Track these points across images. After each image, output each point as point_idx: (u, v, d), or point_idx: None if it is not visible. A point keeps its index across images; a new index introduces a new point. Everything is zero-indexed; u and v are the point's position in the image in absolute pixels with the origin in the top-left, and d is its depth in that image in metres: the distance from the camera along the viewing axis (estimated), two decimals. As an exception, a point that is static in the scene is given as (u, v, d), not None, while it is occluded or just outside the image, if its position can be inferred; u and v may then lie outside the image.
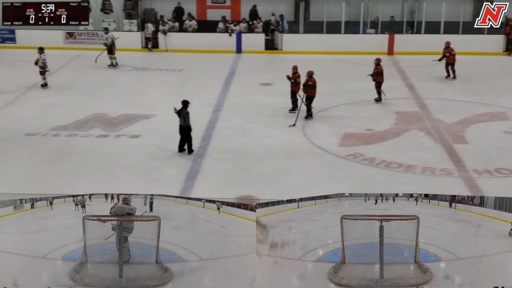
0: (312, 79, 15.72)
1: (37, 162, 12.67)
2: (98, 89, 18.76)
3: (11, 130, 14.53)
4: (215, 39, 24.50)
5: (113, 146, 13.76)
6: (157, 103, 17.16)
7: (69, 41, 24.29)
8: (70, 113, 15.82)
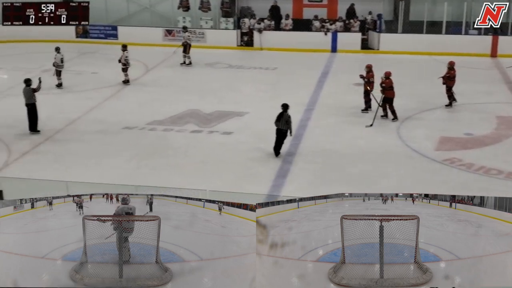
0: (388, 80, 15.57)
1: (134, 155, 13.31)
2: (194, 85, 19.34)
3: (110, 123, 15.29)
4: (310, 38, 24.56)
5: (206, 142, 14.23)
6: (251, 100, 17.61)
7: (167, 38, 25.08)
8: (167, 108, 16.49)
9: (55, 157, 13.42)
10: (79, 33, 25.77)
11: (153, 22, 25.81)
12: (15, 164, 12.91)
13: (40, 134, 14.61)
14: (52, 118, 15.58)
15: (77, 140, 14.41)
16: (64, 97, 17.97)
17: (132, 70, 21.05)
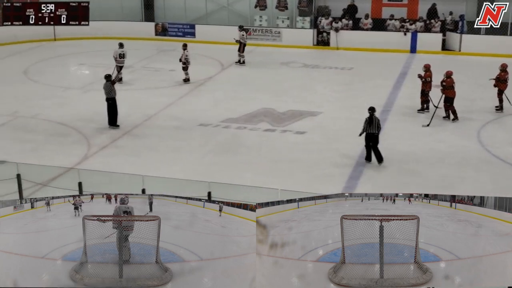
0: (449, 79, 15.23)
1: (208, 151, 13.57)
2: (269, 84, 19.43)
3: (186, 120, 15.62)
4: (388, 37, 24.17)
5: (279, 141, 14.28)
6: (325, 100, 17.56)
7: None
8: (241, 107, 16.66)
9: (132, 151, 13.75)
10: (158, 31, 26.34)
11: (230, 21, 26.02)
12: (94, 157, 13.31)
13: (119, 129, 15.01)
14: (130, 113, 15.98)
15: (153, 136, 14.70)
16: (142, 93, 18.40)
17: (208, 68, 21.39)
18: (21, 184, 9.01)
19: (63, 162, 12.49)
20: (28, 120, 15.69)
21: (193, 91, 18.65)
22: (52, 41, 25.64)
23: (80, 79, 20.14)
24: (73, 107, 16.80)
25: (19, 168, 9.04)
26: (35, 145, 13.93)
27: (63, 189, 10.45)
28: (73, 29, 25.29)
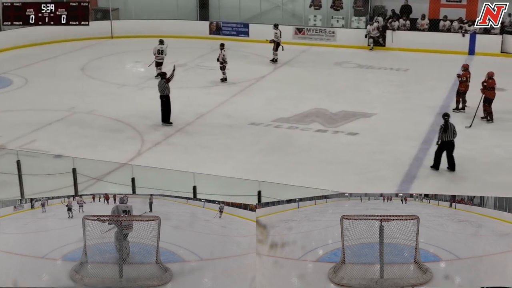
0: (491, 80, 14.96)
1: (259, 150, 13.62)
2: (322, 84, 19.37)
3: (238, 118, 15.75)
4: (446, 39, 23.63)
5: (331, 141, 14.21)
6: (378, 102, 17.37)
7: (297, 36, 25.27)
8: (293, 106, 16.66)
9: (184, 148, 13.89)
10: (212, 30, 26.53)
11: (284, 20, 25.97)
12: (147, 154, 13.51)
13: (172, 126, 15.20)
14: (183, 111, 16.16)
15: (205, 134, 14.82)
16: (195, 91, 18.58)
17: (261, 67, 21.41)
18: (76, 178, 9.22)
19: (117, 157, 12.72)
20: (84, 116, 16.07)
21: (245, 90, 18.70)
22: (109, 39, 26.19)
23: (135, 76, 20.48)
24: (128, 103, 17.11)
25: (75, 163, 9.26)
26: (90, 140, 14.26)
27: (117, 184, 10.67)
28: (129, 27, 25.89)
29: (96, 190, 11.05)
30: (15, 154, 9.86)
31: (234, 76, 20.03)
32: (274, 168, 12.53)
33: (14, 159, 9.52)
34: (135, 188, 8.78)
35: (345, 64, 22.19)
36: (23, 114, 16.29)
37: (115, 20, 26.86)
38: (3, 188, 10.84)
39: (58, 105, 16.91)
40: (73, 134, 14.71)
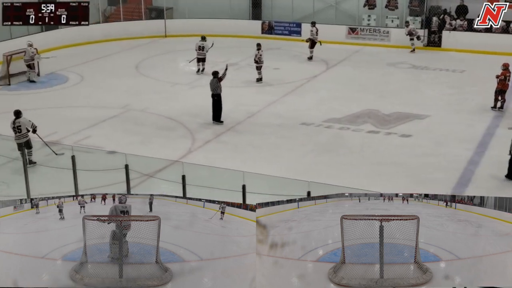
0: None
1: (309, 151, 13.60)
2: (375, 85, 19.20)
3: (288, 118, 15.76)
4: (503, 40, 22.79)
5: (383, 143, 14.06)
6: (433, 103, 17.09)
7: (351, 36, 25.08)
8: (345, 107, 16.55)
9: (235, 147, 13.94)
10: (265, 29, 26.56)
11: (337, 20, 25.78)
12: (198, 151, 13.63)
13: (222, 125, 15.27)
14: (234, 110, 16.21)
15: (256, 133, 14.83)
16: (246, 90, 18.63)
17: (313, 67, 21.29)
18: (129, 174, 9.35)
19: (168, 155, 12.87)
20: (138, 113, 16.33)
21: (297, 90, 18.64)
22: (163, 38, 26.55)
23: (188, 75, 20.69)
24: (180, 102, 17.30)
25: (128, 159, 9.39)
26: (143, 138, 14.48)
27: (168, 181, 10.78)
28: (183, 26, 26.16)
29: (147, 187, 11.25)
30: (70, 150, 10.09)
31: (286, 75, 20.01)
32: (325, 169, 12.44)
33: (69, 155, 9.73)
34: (185, 185, 8.84)
35: (399, 65, 21.83)
36: (79, 110, 16.69)
37: (169, 19, 27.22)
38: (59, 182, 11.13)
39: (112, 102, 17.25)
40: (126, 131, 14.97)
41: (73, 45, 24.56)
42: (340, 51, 21.91)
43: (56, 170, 11.10)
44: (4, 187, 11.69)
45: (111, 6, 27.92)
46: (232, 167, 11.42)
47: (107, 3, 27.92)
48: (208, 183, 9.55)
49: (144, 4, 27.60)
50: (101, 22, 26.71)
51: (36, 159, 12.55)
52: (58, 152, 12.63)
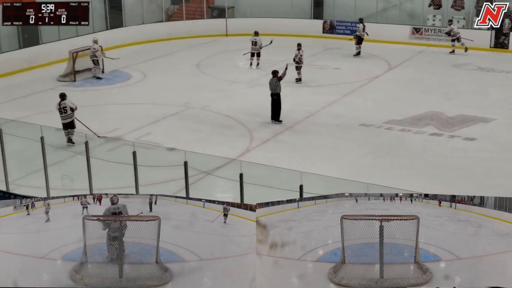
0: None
1: (368, 152, 13.47)
2: (438, 86, 18.85)
3: (348, 118, 15.67)
4: None
5: (445, 146, 13.79)
6: (499, 107, 16.69)
7: (414, 37, 24.62)
8: (407, 108, 16.32)
9: (293, 147, 13.88)
10: (326, 28, 26.37)
11: (400, 20, 25.34)
12: (256, 150, 13.64)
13: (281, 124, 15.24)
14: (293, 109, 16.15)
15: (315, 133, 14.73)
16: (305, 90, 18.54)
17: (374, 67, 20.98)
18: (187, 171, 9.44)
19: (226, 153, 12.94)
20: (197, 111, 16.50)
21: (357, 90, 18.41)
22: (224, 36, 26.76)
23: (247, 74, 20.77)
24: (239, 101, 17.37)
25: (187, 156, 9.48)
26: (202, 135, 14.62)
27: (225, 179, 10.83)
28: (244, 25, 26.27)
29: (205, 184, 11.33)
30: (132, 146, 10.28)
31: (346, 76, 19.81)
32: (384, 171, 12.23)
33: (131, 150, 9.91)
34: (243, 184, 8.86)
35: (464, 66, 21.24)
36: (140, 107, 17.01)
37: (230, 18, 27.41)
38: (120, 177, 11.36)
39: (173, 100, 17.50)
40: (186, 129, 15.15)
41: (136, 43, 25.09)
42: (403, 52, 21.51)
43: (118, 165, 11.33)
44: (68, 181, 12.05)
45: (174, 5, 28.35)
46: (290, 166, 11.37)
47: (170, 2, 28.37)
48: (265, 182, 9.53)
49: (206, 3, 27.90)
50: (163, 20, 27.18)
51: (98, 154, 12.85)
52: (100, 135, 13.36)
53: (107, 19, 25.33)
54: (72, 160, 12.11)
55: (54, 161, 11.34)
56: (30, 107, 16.75)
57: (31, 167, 11.85)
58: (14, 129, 12.43)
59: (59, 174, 11.79)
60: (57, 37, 22.20)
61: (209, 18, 27.90)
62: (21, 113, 16.03)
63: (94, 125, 14.73)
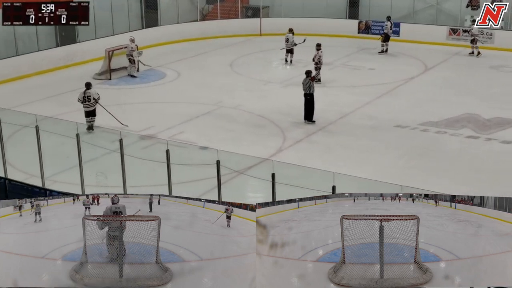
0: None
1: (402, 154, 13.35)
2: (475, 88, 18.60)
3: (382, 120, 15.57)
4: None
5: (482, 149, 13.63)
6: None
7: (451, 37, 24.26)
8: (443, 110, 16.14)
9: (326, 147, 13.80)
10: (361, 29, 26.16)
11: (438, 20, 24.99)
12: (288, 150, 13.60)
13: (314, 124, 15.16)
14: (326, 110, 16.06)
15: (348, 134, 14.62)
16: (339, 90, 18.41)
17: (410, 68, 20.72)
18: (220, 170, 9.46)
19: (259, 152, 12.93)
20: (230, 111, 16.54)
21: (392, 91, 18.21)
22: (258, 36, 26.76)
23: (281, 73, 20.73)
24: (272, 100, 17.35)
25: (219, 155, 9.50)
26: (235, 134, 14.64)
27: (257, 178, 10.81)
28: (278, 24, 26.23)
29: (237, 183, 11.34)
30: (165, 144, 10.34)
31: (381, 76, 19.59)
32: (419, 174, 12.06)
33: (164, 149, 9.98)
34: (275, 183, 8.83)
35: (502, 68, 20.83)
36: (174, 106, 17.13)
37: (264, 17, 27.40)
38: (153, 175, 11.45)
39: (206, 99, 17.57)
40: (219, 128, 15.19)
41: (171, 42, 25.29)
42: (439, 53, 21.21)
43: (151, 163, 11.42)
44: (102, 178, 12.20)
45: (209, 5, 28.49)
46: (322, 167, 11.29)
47: (205, 2, 28.52)
48: (297, 182, 9.48)
49: (241, 2, 27.94)
50: (198, 20, 27.32)
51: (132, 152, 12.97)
52: (124, 123, 13.64)
53: (143, 18, 25.59)
54: (106, 157, 12.24)
55: (89, 158, 11.49)
56: (66, 104, 17.01)
57: (66, 164, 12.03)
58: (51, 126, 12.66)
59: (93, 171, 11.95)
60: (93, 36, 22.52)
61: (243, 18, 27.95)
62: (58, 110, 16.30)
63: (128, 123, 14.91)
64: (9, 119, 11.97)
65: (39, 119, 11.30)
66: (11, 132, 13.17)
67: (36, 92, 18.57)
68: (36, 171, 11.23)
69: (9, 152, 12.06)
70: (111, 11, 23.52)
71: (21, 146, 13.17)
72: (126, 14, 24.33)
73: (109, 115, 14.75)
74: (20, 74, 20.11)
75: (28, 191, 10.21)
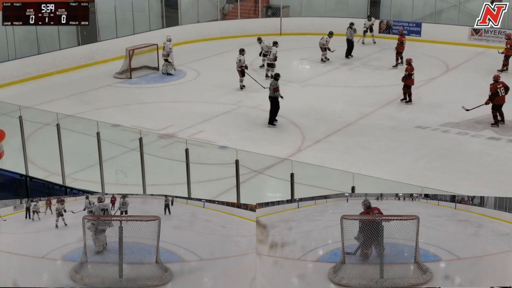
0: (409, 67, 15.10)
1: (423, 155, 13.26)
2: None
3: (403, 120, 15.51)
4: None
5: (504, 151, 13.52)
6: None
7: (473, 38, 23.97)
8: (464, 111, 15.84)
9: (345, 148, 13.73)
10: (382, 28, 25.98)
11: (460, 20, 24.72)
12: (307, 151, 13.56)
13: (333, 124, 15.09)
14: (346, 110, 15.98)
15: (368, 134, 14.53)
16: (359, 90, 18.31)
17: (431, 69, 20.52)
18: (239, 170, 9.46)
19: (278, 152, 12.91)
20: (249, 110, 16.53)
21: (413, 92, 18.01)
22: (278, 35, 26.70)
23: (301, 73, 20.66)
24: (292, 100, 17.26)
25: (238, 154, 9.51)
26: (254, 134, 14.63)
27: (276, 178, 10.79)
28: (298, 24, 26.17)
29: (256, 183, 11.33)
30: (184, 143, 10.37)
31: (402, 76, 19.36)
32: (439, 175, 11.95)
33: (183, 148, 10.01)
34: (293, 183, 8.81)
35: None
36: (194, 105, 17.17)
37: (285, 17, 27.34)
38: (172, 174, 11.49)
39: (225, 98, 17.58)
40: (238, 127, 15.20)
41: (191, 41, 25.35)
42: (461, 53, 20.98)
43: (170, 162, 11.46)
44: (122, 176, 12.27)
45: (229, 4, 28.51)
46: (342, 168, 11.24)
47: (225, 1, 28.54)
48: (316, 182, 9.45)
49: (261, 2, 27.92)
50: (218, 19, 27.35)
51: (152, 150, 13.03)
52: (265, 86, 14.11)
53: (163, 17, 25.69)
54: (126, 155, 12.32)
55: (109, 156, 11.56)
56: (87, 102, 17.15)
57: (86, 162, 12.12)
58: (71, 124, 12.77)
59: (113, 169, 12.02)
60: (114, 35, 22.67)
61: (263, 17, 27.91)
62: (78, 108, 16.44)
63: (148, 122, 14.98)
64: (30, 117, 12.09)
65: (60, 117, 11.41)
66: (32, 130, 13.31)
67: (58, 91, 18.74)
68: (56, 169, 11.33)
69: (30, 149, 12.19)
70: (132, 11, 23.65)
71: (42, 144, 13.31)
72: (147, 13, 24.44)
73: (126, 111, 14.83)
74: (42, 73, 20.34)
75: (48, 189, 10.31)
